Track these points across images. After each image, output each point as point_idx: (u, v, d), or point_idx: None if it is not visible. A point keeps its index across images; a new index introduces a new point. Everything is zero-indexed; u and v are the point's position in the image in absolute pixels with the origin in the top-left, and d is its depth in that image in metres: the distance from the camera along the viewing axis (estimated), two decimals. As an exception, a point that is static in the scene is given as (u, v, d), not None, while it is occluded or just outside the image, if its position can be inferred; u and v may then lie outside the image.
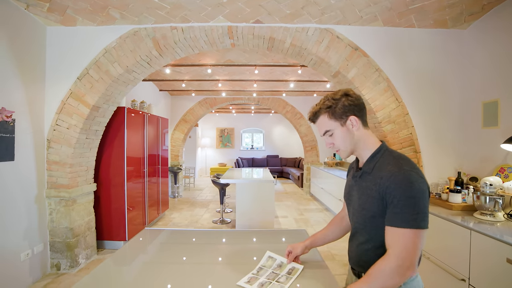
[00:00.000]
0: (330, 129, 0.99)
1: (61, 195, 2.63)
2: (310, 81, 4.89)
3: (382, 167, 0.92)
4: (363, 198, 0.96)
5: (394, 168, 0.88)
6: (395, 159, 0.91)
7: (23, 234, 2.43)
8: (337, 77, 2.84)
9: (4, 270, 2.24)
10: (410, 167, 0.87)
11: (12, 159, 2.35)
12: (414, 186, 0.83)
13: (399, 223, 0.83)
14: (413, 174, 0.85)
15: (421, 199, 0.83)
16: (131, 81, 2.92)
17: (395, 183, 0.85)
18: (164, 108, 6.25)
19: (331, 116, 0.97)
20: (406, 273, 0.83)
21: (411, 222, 0.82)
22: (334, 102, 0.97)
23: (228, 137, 10.85)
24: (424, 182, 0.86)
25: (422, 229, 0.82)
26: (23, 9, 2.44)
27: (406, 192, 0.83)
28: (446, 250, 2.03)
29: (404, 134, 2.71)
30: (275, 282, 1.03)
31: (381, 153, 0.96)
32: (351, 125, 0.96)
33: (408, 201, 0.82)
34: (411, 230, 0.82)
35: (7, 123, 2.30)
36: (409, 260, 0.82)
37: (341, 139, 0.98)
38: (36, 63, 2.60)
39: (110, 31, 2.68)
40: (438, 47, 2.71)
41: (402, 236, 0.83)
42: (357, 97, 0.98)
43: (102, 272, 1.19)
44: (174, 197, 6.46)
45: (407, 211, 0.82)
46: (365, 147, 0.99)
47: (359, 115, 0.97)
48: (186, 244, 1.54)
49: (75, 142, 2.65)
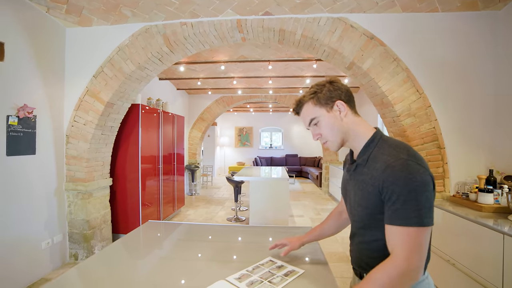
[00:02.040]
0: (316, 117, 0.90)
1: (78, 189, 2.73)
2: (327, 76, 4.72)
3: (377, 158, 0.82)
4: (359, 194, 0.86)
5: (389, 158, 0.78)
6: (390, 148, 0.81)
7: (44, 224, 2.56)
8: (352, 69, 2.71)
9: (26, 256, 2.38)
10: (407, 155, 0.76)
11: (34, 153, 2.47)
12: (415, 177, 0.73)
13: (401, 221, 0.74)
14: (411, 164, 0.74)
15: (424, 192, 0.72)
16: (144, 78, 2.98)
17: (392, 176, 0.75)
18: (182, 107, 6.37)
19: (316, 102, 0.89)
20: (416, 276, 0.74)
21: (415, 219, 0.72)
22: (319, 88, 0.89)
23: (246, 136, 10.86)
24: (426, 172, 0.75)
25: (427, 226, 0.73)
26: (44, 12, 2.57)
27: (406, 185, 0.73)
28: (474, 257, 1.83)
29: (426, 128, 2.51)
30: (267, 282, 0.96)
31: (375, 142, 0.86)
32: (338, 111, 0.88)
33: (409, 195, 0.72)
34: (415, 229, 0.72)
35: (29, 119, 2.43)
36: (417, 262, 0.73)
37: (328, 127, 0.89)
38: (56, 63, 2.73)
39: (123, 30, 2.74)
40: (465, 32, 2.47)
41: (406, 236, 0.73)
42: (342, 84, 0.90)
43: (91, 264, 1.19)
44: (191, 194, 6.55)
45: (409, 207, 0.73)
46: (357, 137, 0.89)
47: (346, 100, 0.89)
48: (185, 237, 1.52)
49: (91, 138, 2.74)
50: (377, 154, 0.82)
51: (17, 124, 2.31)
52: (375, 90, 2.64)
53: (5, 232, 2.20)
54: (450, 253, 2.09)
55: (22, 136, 2.36)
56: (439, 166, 2.53)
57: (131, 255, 1.29)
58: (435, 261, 2.30)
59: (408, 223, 0.73)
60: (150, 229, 1.62)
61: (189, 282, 1.01)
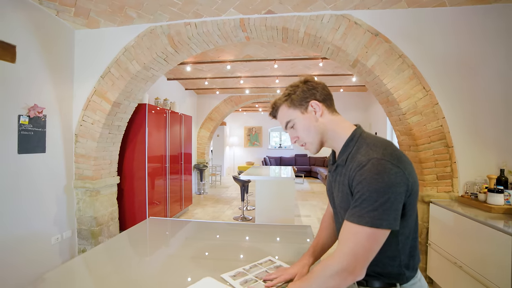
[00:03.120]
0: (291, 119, 0.88)
1: (86, 186, 2.81)
2: (334, 75, 4.68)
3: (354, 158, 0.78)
4: (340, 196, 0.84)
5: (363, 157, 0.75)
6: (368, 147, 0.77)
7: (53, 220, 2.65)
8: (357, 67, 2.66)
9: (37, 250, 2.47)
10: (382, 154, 0.73)
11: (44, 151, 2.57)
12: (381, 178, 0.69)
13: (353, 218, 0.72)
14: (383, 163, 0.71)
15: (387, 193, 0.68)
16: (149, 78, 3.03)
17: (360, 176, 0.72)
18: (190, 107, 6.44)
19: (290, 104, 0.87)
20: (347, 278, 0.71)
21: (366, 219, 0.69)
22: (292, 89, 0.87)
23: (256, 136, 10.87)
24: (400, 173, 0.70)
25: (379, 229, 0.69)
26: (54, 15, 2.66)
27: (370, 185, 0.70)
28: (483, 260, 1.76)
29: (433, 126, 2.44)
30: (261, 282, 0.95)
31: (355, 140, 0.82)
32: (313, 112, 0.85)
33: (370, 195, 0.69)
34: (364, 229, 0.69)
35: (39, 118, 2.52)
36: (354, 263, 0.70)
37: (304, 129, 0.87)
38: (65, 64, 2.82)
39: (129, 31, 2.80)
40: (475, 27, 2.39)
41: (353, 235, 0.71)
42: (317, 82, 0.88)
43: (91, 257, 1.23)
44: (199, 193, 6.62)
45: (364, 206, 0.70)
46: (336, 136, 0.86)
47: (321, 99, 0.86)
48: (185, 234, 1.53)
49: (99, 137, 2.82)
50: (356, 153, 0.79)
51: (28, 123, 2.40)
52: (380, 88, 2.59)
53: (17, 227, 2.30)
54: (457, 255, 2.02)
55: (33, 135, 2.45)
56: (447, 165, 2.45)
57: (128, 248, 1.32)
58: (441, 263, 2.23)
59: (359, 222, 0.70)
60: (150, 225, 1.65)
61: (181, 277, 1.03)
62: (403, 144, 2.70)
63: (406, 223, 0.77)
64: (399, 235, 0.77)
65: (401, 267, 0.79)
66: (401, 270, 0.80)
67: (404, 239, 0.78)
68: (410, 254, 0.80)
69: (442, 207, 2.26)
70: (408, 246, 0.79)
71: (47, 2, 2.46)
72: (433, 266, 2.38)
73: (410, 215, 0.78)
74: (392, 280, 0.80)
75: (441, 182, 2.48)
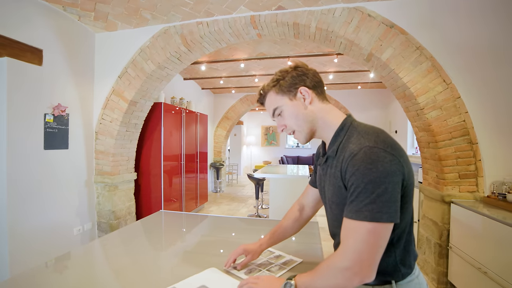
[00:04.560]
0: (278, 106, 0.83)
1: (105, 181, 2.95)
2: (351, 71, 4.55)
3: (345, 148, 0.74)
4: (331, 190, 0.79)
5: (354, 146, 0.70)
6: (359, 135, 0.73)
7: (75, 212, 2.80)
8: (371, 61, 2.57)
9: (60, 239, 2.63)
10: (374, 141, 0.68)
11: (67, 147, 2.72)
12: (375, 167, 0.64)
13: (352, 214, 0.67)
14: (376, 151, 0.66)
15: (384, 183, 0.64)
16: (164, 77, 3.12)
17: (352, 166, 0.68)
18: (207, 106, 6.55)
19: (278, 90, 0.83)
20: (352, 278, 0.65)
21: (365, 213, 0.64)
22: (281, 75, 0.83)
23: (273, 135, 10.84)
24: (395, 161, 0.66)
25: (379, 223, 0.64)
26: (76, 20, 2.82)
27: (364, 176, 0.65)
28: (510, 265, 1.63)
29: (455, 121, 2.30)
30: (265, 270, 0.97)
31: (345, 129, 0.78)
32: (302, 98, 0.81)
33: (365, 187, 0.65)
34: (364, 224, 0.64)
35: (62, 116, 2.68)
36: (359, 263, 0.65)
37: (292, 116, 0.82)
38: (87, 65, 2.97)
39: (144, 32, 2.90)
40: (502, 12, 2.21)
41: (353, 231, 0.66)
42: (308, 69, 0.83)
43: (107, 240, 1.28)
44: (216, 191, 6.71)
45: (361, 199, 0.65)
46: (326, 126, 0.82)
47: (311, 86, 0.81)
48: (193, 227, 1.56)
49: (116, 134, 2.94)
50: (346, 143, 0.75)
51: (52, 121, 2.56)
52: (396, 82, 2.49)
53: (43, 217, 2.46)
54: (482, 260, 1.89)
55: (57, 132, 2.61)
56: (471, 163, 2.30)
57: (139, 234, 1.37)
58: (463, 268, 2.10)
59: (358, 217, 0.65)
60: (160, 217, 1.69)
61: (185, 268, 1.04)
62: (421, 141, 2.57)
63: (402, 216, 0.72)
64: (394, 229, 0.73)
65: (396, 263, 0.75)
66: (396, 266, 0.75)
67: (399, 233, 0.74)
68: (405, 249, 0.76)
69: (466, 208, 2.12)
70: (403, 241, 0.75)
71: (70, 8, 2.61)
72: (455, 271, 2.24)
73: (407, 208, 0.73)
74: (387, 277, 0.76)
75: (463, 181, 2.33)
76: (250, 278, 0.83)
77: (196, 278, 0.92)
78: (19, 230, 2.25)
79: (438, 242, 2.39)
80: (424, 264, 2.60)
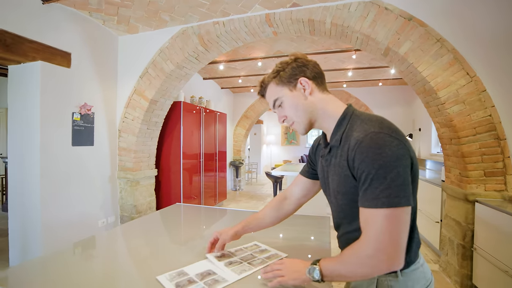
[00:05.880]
0: (278, 97, 0.84)
1: (128, 177, 3.11)
2: (371, 67, 4.42)
3: (349, 136, 0.74)
4: (336, 180, 0.79)
5: (359, 134, 0.70)
6: (362, 123, 0.73)
7: (100, 205, 2.98)
8: (388, 55, 2.50)
9: (86, 231, 2.80)
10: (379, 127, 0.69)
11: (92, 144, 2.91)
12: (384, 151, 0.65)
13: (369, 202, 0.66)
14: (381, 137, 0.67)
15: (395, 167, 0.64)
16: (183, 76, 3.23)
17: (360, 153, 0.68)
18: (226, 105, 6.66)
19: (278, 81, 0.83)
20: (380, 266, 0.65)
21: (383, 200, 0.64)
22: (282, 66, 0.84)
23: (293, 134, 10.77)
24: (402, 145, 0.66)
25: (399, 207, 0.64)
26: (101, 24, 3.00)
27: (374, 161, 0.65)
28: None
29: (479, 116, 2.18)
30: (246, 263, 0.96)
31: (347, 118, 0.78)
32: (302, 89, 0.82)
33: (377, 173, 0.64)
34: (384, 211, 0.64)
35: (88, 115, 2.86)
36: (384, 250, 0.64)
37: (292, 107, 0.83)
38: (111, 67, 3.15)
39: (164, 33, 3.02)
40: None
41: (374, 219, 0.66)
42: (309, 60, 0.84)
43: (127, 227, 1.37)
44: (235, 190, 6.80)
45: (376, 186, 0.65)
46: (327, 116, 0.82)
47: (311, 76, 0.82)
48: (204, 217, 1.62)
49: (138, 132, 3.09)
50: (350, 131, 0.75)
51: (79, 120, 2.75)
52: (416, 77, 2.40)
53: (70, 209, 2.65)
54: (510, 263, 1.78)
55: (84, 130, 2.79)
56: (498, 160, 2.17)
57: (145, 229, 1.45)
58: (489, 270, 1.99)
59: (376, 205, 0.65)
60: (176, 209, 1.77)
61: (195, 254, 1.10)
62: (443, 137, 2.46)
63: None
64: None
65: None
66: None
67: None
68: (409, 237, 0.75)
69: (492, 208, 2.01)
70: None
71: (95, 14, 2.79)
72: (480, 274, 2.12)
73: (414, 194, 0.72)
74: None
75: (490, 179, 2.20)
76: (273, 264, 0.83)
77: (202, 263, 0.97)
78: (50, 220, 2.44)
79: (462, 243, 2.28)
80: (446, 266, 2.49)
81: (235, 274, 0.89)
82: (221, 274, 0.89)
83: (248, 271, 0.92)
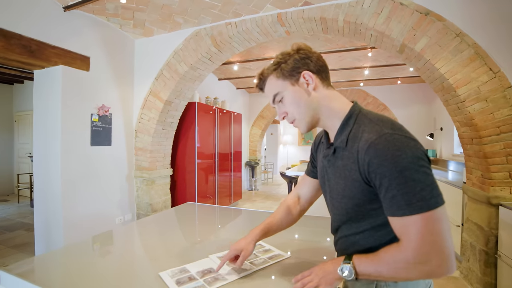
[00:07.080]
0: (279, 92, 0.77)
1: (144, 176, 3.20)
2: (388, 65, 4.28)
3: (357, 137, 0.69)
4: (342, 183, 0.74)
5: (371, 135, 0.65)
6: (372, 123, 0.68)
7: (117, 203, 3.10)
8: (404, 52, 2.41)
9: (104, 227, 2.91)
10: (392, 129, 0.64)
11: (110, 144, 3.02)
12: (404, 153, 0.60)
13: (403, 210, 0.60)
14: (397, 138, 0.62)
15: (420, 167, 0.60)
16: (197, 77, 3.28)
17: (377, 157, 0.62)
18: (242, 105, 6.69)
19: (279, 74, 0.76)
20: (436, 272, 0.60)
21: (419, 204, 0.59)
22: (283, 58, 0.76)
23: (310, 134, 10.62)
24: (418, 145, 0.63)
25: (436, 209, 0.59)
26: (118, 28, 3.12)
27: (396, 164, 0.60)
28: None
29: (504, 114, 2.04)
30: (248, 262, 0.96)
31: (354, 117, 0.73)
32: (305, 84, 0.75)
33: (402, 176, 0.59)
34: (422, 215, 0.59)
35: (106, 116, 2.98)
36: (429, 254, 0.60)
37: (293, 103, 0.76)
38: (127, 69, 3.27)
39: (178, 35, 3.09)
40: None
41: (414, 226, 0.60)
42: (312, 52, 0.76)
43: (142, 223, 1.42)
44: (251, 190, 6.82)
45: (406, 191, 0.59)
46: (331, 114, 0.76)
47: (315, 70, 0.75)
48: (215, 217, 1.64)
49: (153, 132, 3.18)
50: (357, 132, 0.70)
51: (98, 121, 2.87)
52: (433, 74, 2.29)
53: (89, 206, 2.78)
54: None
55: (102, 131, 2.92)
56: (525, 162, 2.03)
57: (157, 224, 1.49)
58: (511, 277, 1.87)
59: (411, 211, 0.59)
60: (187, 207, 1.81)
61: (202, 251, 1.12)
62: (464, 137, 2.33)
63: None
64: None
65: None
66: None
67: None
68: None
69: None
70: None
71: (112, 18, 2.90)
72: (505, 284, 2.00)
73: None
74: None
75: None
76: (302, 276, 0.77)
77: (205, 261, 0.98)
78: (71, 217, 2.57)
79: (484, 249, 2.15)
80: (468, 273, 2.36)
81: (235, 273, 0.90)
82: (221, 273, 0.90)
83: (249, 270, 0.92)
